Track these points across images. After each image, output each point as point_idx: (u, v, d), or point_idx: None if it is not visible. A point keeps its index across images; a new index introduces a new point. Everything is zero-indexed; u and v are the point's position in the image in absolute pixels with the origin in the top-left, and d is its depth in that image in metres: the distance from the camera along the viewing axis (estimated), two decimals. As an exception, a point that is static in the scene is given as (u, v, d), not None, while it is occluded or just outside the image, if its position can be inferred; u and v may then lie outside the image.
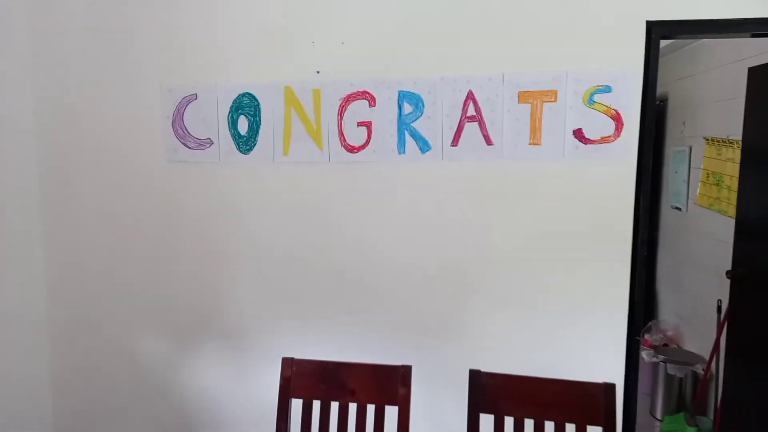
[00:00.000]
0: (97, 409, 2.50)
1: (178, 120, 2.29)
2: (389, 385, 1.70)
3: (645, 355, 3.93)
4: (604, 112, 2.07)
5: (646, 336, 4.13)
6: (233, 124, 2.26)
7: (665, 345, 4.00)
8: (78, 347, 2.49)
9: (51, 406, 2.52)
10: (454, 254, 2.21)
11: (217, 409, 2.39)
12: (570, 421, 1.60)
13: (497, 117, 2.13)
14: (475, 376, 1.67)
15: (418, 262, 2.23)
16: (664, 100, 4.51)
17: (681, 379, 3.63)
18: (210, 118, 2.27)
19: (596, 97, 2.07)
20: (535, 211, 2.16)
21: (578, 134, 2.10)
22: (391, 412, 1.68)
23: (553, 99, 2.09)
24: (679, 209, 4.11)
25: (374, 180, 2.22)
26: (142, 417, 2.45)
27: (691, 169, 3.92)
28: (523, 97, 2.11)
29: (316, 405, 1.72)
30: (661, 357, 3.73)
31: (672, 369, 3.65)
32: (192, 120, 2.28)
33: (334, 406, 1.72)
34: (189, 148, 2.30)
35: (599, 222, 2.13)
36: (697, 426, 3.33)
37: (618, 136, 2.08)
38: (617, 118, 2.07)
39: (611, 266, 2.14)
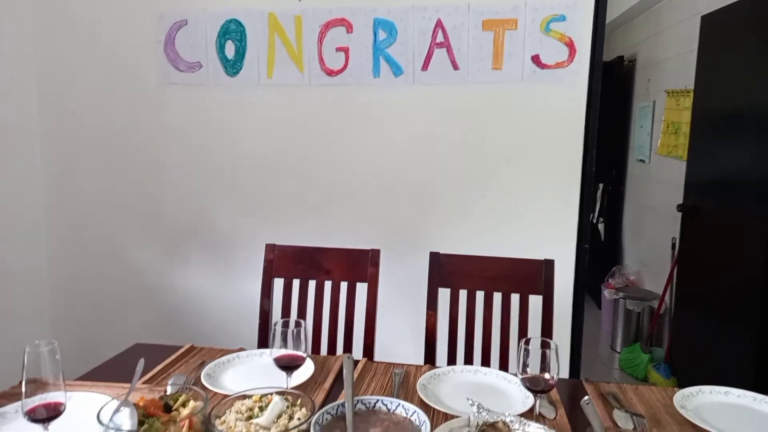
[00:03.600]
0: (94, 311, 2.70)
1: (169, 44, 2.48)
2: (360, 265, 1.93)
3: (607, 293, 4.22)
4: (559, 39, 2.29)
5: (610, 280, 4.42)
6: (221, 49, 2.45)
7: (626, 286, 4.29)
8: (76, 255, 2.69)
9: (50, 304, 2.71)
10: (419, 168, 2.44)
11: (205, 307, 2.61)
12: (515, 292, 1.84)
13: (463, 44, 2.34)
14: (435, 257, 1.90)
15: (387, 174, 2.46)
16: (632, 61, 4.75)
17: (638, 313, 3.92)
18: (199, 43, 2.45)
19: (552, 25, 2.29)
20: (496, 132, 2.39)
21: (536, 60, 2.32)
22: (362, 289, 1.91)
23: (513, 27, 2.31)
24: (643, 161, 4.38)
25: (351, 101, 2.43)
26: (137, 318, 2.66)
27: (655, 123, 4.17)
28: (487, 25, 2.32)
29: (296, 284, 1.95)
30: (620, 294, 4.02)
31: (630, 305, 3.94)
32: (182, 44, 2.46)
33: (312, 284, 1.94)
34: (179, 70, 2.49)
35: (553, 141, 2.36)
36: (650, 354, 3.62)
37: (571, 62, 2.30)
38: (570, 45, 2.29)
39: (563, 177, 2.37)
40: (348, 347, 1.89)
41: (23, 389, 1.01)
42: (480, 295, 1.86)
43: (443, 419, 1.24)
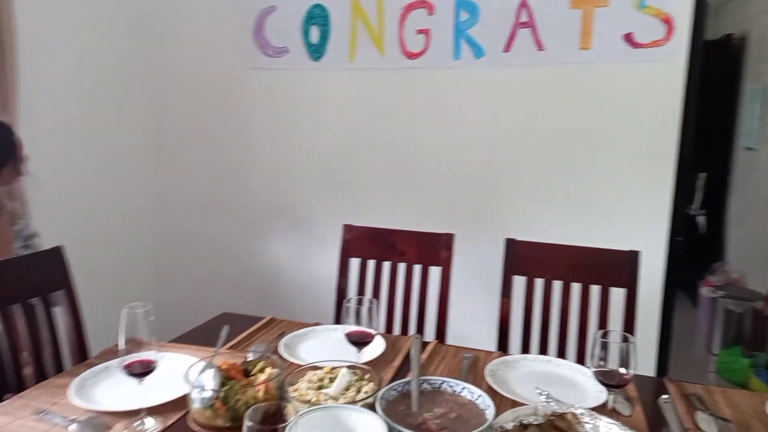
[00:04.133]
0: (188, 279, 2.93)
1: (259, 31, 2.59)
2: (434, 249, 1.93)
3: (705, 291, 3.92)
4: (655, 16, 2.14)
5: (709, 277, 4.10)
6: (306, 34, 2.53)
7: (728, 284, 3.96)
8: (175, 228, 2.91)
9: (153, 269, 2.96)
10: (498, 152, 2.39)
11: (287, 282, 2.74)
12: (595, 283, 1.77)
13: (549, 23, 2.25)
14: (510, 244, 1.86)
15: (465, 157, 2.43)
16: (742, 39, 4.32)
17: (740, 314, 3.62)
18: (286, 29, 2.54)
19: (648, 1, 2.14)
20: (581, 115, 2.28)
21: (628, 38, 2.18)
22: (435, 272, 1.92)
23: (604, 3, 2.18)
24: (752, 149, 4.00)
25: (430, 84, 2.42)
26: (226, 288, 2.85)
27: (766, 107, 3.79)
28: (575, 2, 2.21)
29: (371, 264, 1.99)
30: (721, 293, 3.72)
31: (731, 305, 3.64)
32: (271, 30, 2.57)
33: (386, 265, 1.98)
34: (268, 55, 2.60)
35: (645, 126, 2.22)
36: (752, 358, 3.34)
37: (668, 40, 2.15)
38: (668, 22, 2.13)
39: (655, 169, 2.23)
40: (420, 329, 1.91)
41: (121, 346, 1.12)
42: (557, 285, 1.80)
43: (510, 406, 1.23)
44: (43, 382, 1.35)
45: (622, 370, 1.14)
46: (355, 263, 2.00)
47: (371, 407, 1.06)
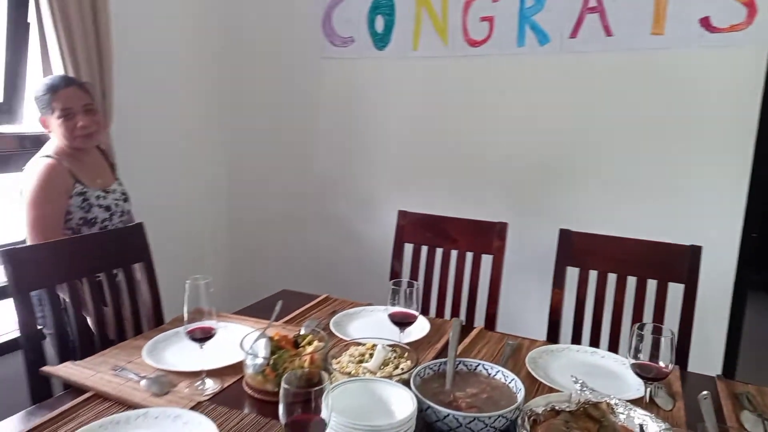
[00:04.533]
0: (259, 251, 3.11)
1: (327, 21, 2.68)
2: (487, 237, 1.95)
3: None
4: (737, -2, 2.01)
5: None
6: (371, 23, 2.59)
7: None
8: (246, 206, 3.10)
9: (224, 246, 3.17)
10: (559, 141, 2.35)
11: (344, 262, 2.86)
12: (653, 278, 1.72)
13: (619, 7, 2.17)
14: (565, 234, 1.85)
15: (524, 146, 2.42)
16: None
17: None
18: (352, 19, 2.62)
19: (728, -18, 2.02)
20: (650, 102, 2.19)
21: (705, 22, 2.07)
22: (487, 260, 1.94)
23: (680, -14, 2.08)
24: None
25: (492, 72, 2.41)
26: (287, 266, 3.01)
27: None
28: (648, -15, 2.12)
29: (424, 250, 2.04)
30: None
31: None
32: (338, 20, 2.65)
33: (439, 251, 2.02)
34: (335, 45, 2.69)
35: (720, 115, 2.10)
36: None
37: (749, 24, 2.01)
38: (750, 5, 2.00)
39: (730, 161, 2.11)
40: (470, 315, 1.95)
41: (185, 315, 1.25)
42: (612, 278, 1.77)
43: (547, 393, 1.24)
44: (122, 343, 1.52)
45: (661, 364, 1.13)
46: (409, 248, 2.06)
47: (406, 383, 1.12)
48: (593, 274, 1.80)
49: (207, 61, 2.89)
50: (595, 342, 1.76)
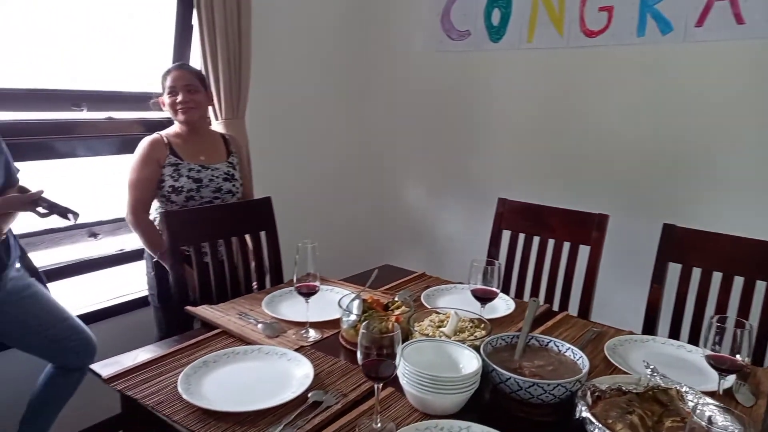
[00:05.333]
0: (372, 225, 3.36)
1: (445, 16, 2.80)
2: (585, 228, 1.96)
3: None
4: None
5: None
6: (488, 17, 2.66)
7: None
8: (367, 184, 3.35)
9: (346, 219, 3.45)
10: (673, 134, 2.25)
11: (444, 244, 2.98)
12: (762, 279, 1.62)
13: (755, -8, 2.02)
14: (669, 229, 1.80)
15: (634, 138, 2.35)
16: None
17: None
18: (470, 13, 2.71)
19: None
20: (788, 95, 2.02)
21: None
22: (584, 251, 1.95)
23: (830, -34, 1.89)
24: None
25: (609, 62, 2.37)
26: (398, 245, 3.20)
27: None
28: (791, -33, 1.95)
29: (521, 237, 2.10)
30: None
31: None
32: (456, 15, 2.76)
33: (536, 239, 2.07)
34: (451, 39, 2.80)
35: None
36: None
37: None
38: None
39: None
40: (564, 305, 1.97)
41: (295, 271, 1.47)
42: (717, 277, 1.70)
43: (619, 376, 1.28)
44: (248, 295, 1.81)
45: (738, 357, 1.12)
46: (507, 235, 2.13)
47: (477, 349, 1.24)
48: (696, 272, 1.74)
49: (331, 55, 3.15)
50: (694, 342, 1.70)
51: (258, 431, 1.08)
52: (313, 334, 1.50)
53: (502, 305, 1.70)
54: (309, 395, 1.18)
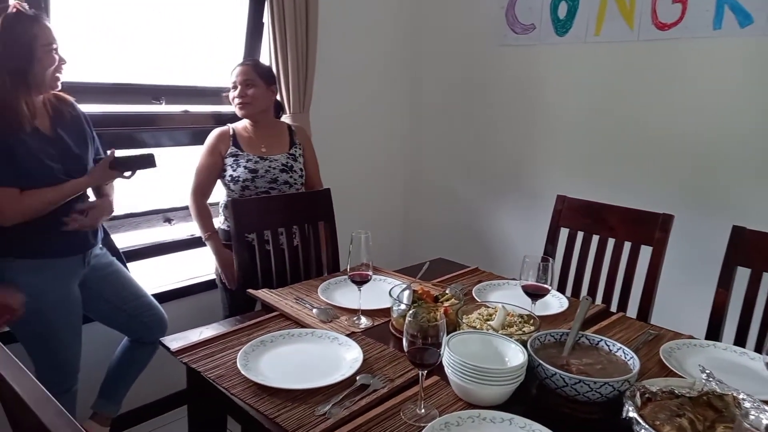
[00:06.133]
0: (428, 221, 3.37)
1: (510, 10, 2.77)
2: (648, 228, 1.90)
3: None
4: None
5: None
6: (554, 10, 2.60)
7: None
8: (421, 179, 3.38)
9: (399, 212, 3.50)
10: (744, 133, 2.12)
11: (500, 241, 2.95)
12: (843, 289, 1.52)
13: None
14: (738, 232, 1.71)
15: (703, 136, 2.23)
16: None
17: None
18: (535, 6, 2.66)
19: None
20: None
21: None
22: (646, 251, 1.89)
23: None
24: None
25: (681, 56, 2.26)
26: (450, 238, 3.21)
27: None
28: None
29: (579, 236, 2.06)
30: None
31: None
32: (521, 9, 2.72)
33: (595, 238, 2.02)
34: (515, 32, 2.76)
35: None
36: None
37: None
38: None
39: None
40: (623, 305, 1.92)
41: (349, 259, 1.53)
42: (790, 283, 1.61)
43: (673, 380, 1.25)
44: (305, 281, 1.89)
45: (801, 368, 1.06)
46: (564, 233, 2.10)
47: (524, 343, 1.24)
48: (767, 277, 1.65)
49: (391, 50, 3.18)
50: (760, 350, 1.62)
51: (308, 408, 1.14)
52: (364, 321, 1.55)
53: (555, 303, 1.68)
54: (357, 378, 1.24)
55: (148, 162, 1.76)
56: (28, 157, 1.59)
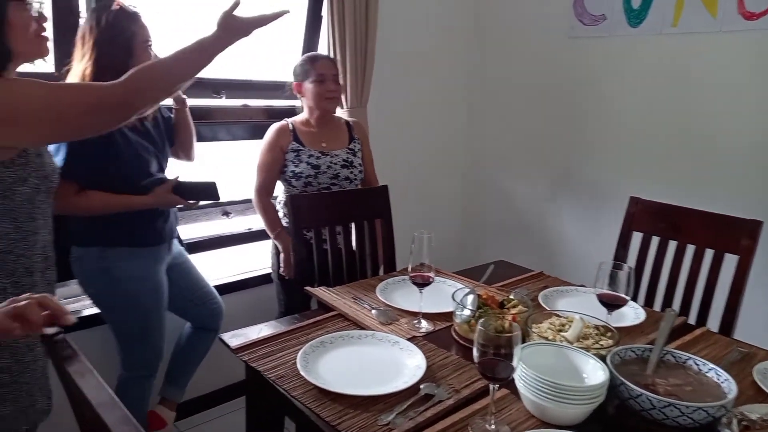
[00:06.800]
0: (487, 220, 3.28)
1: (578, 0, 2.63)
2: (732, 234, 1.75)
3: None
4: None
5: None
6: (627, -1, 2.45)
7: None
8: (480, 176, 3.28)
9: (457, 210, 3.41)
10: None
11: (567, 243, 2.82)
12: None
13: None
14: (842, 242, 1.55)
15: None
16: None
17: None
18: (607, -4, 2.52)
19: None
20: None
21: None
22: (730, 261, 1.74)
23: None
24: None
25: (772, 49, 2.08)
26: (511, 241, 3.10)
27: None
28: None
29: (654, 241, 1.92)
30: None
31: None
32: (590, -1, 2.58)
33: (672, 244, 1.88)
34: (584, 24, 2.62)
35: None
36: None
37: None
38: None
39: None
40: (702, 318, 1.78)
41: (410, 261, 1.46)
42: None
43: (772, 407, 1.12)
44: (362, 280, 1.84)
45: None
46: (637, 238, 1.97)
47: (602, 358, 1.15)
48: None
49: (451, 44, 3.09)
50: None
51: (370, 416, 1.09)
52: (425, 325, 1.49)
53: (631, 314, 1.57)
54: (421, 387, 1.18)
55: (211, 194, 1.79)
56: (127, 149, 1.68)
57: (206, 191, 1.78)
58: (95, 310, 1.86)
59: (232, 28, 1.29)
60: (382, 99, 2.67)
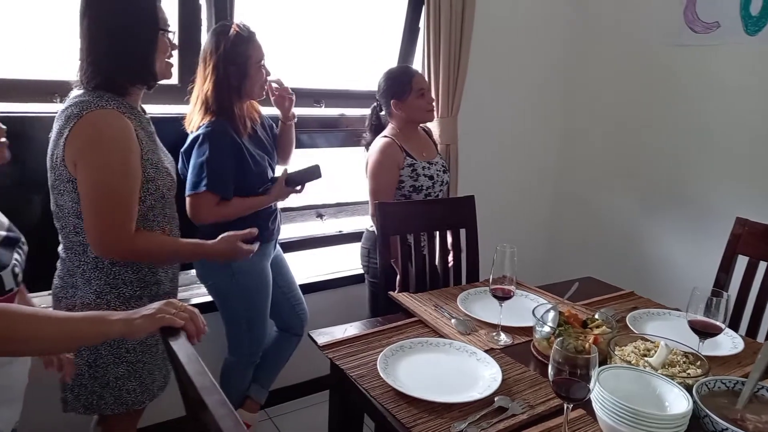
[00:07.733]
0: (576, 235, 3.17)
1: (690, 6, 2.48)
2: None
3: None
4: None
5: None
6: (745, 6, 2.28)
7: None
8: (571, 189, 3.19)
9: (545, 223, 3.32)
10: None
11: (666, 260, 2.67)
12: None
13: None
14: None
15: None
16: None
17: None
18: (720, 2, 2.35)
19: None
20: None
21: None
22: None
23: None
24: None
25: None
26: (597, 255, 2.98)
27: None
28: None
29: (762, 266, 1.79)
30: None
31: None
32: (703, 5, 2.42)
33: (782, 271, 1.74)
34: (694, 32, 2.47)
35: None
36: None
37: None
38: None
39: None
40: (815, 353, 1.63)
41: (492, 275, 1.49)
42: None
43: None
44: (444, 288, 1.89)
45: None
46: (742, 262, 1.84)
47: (688, 388, 1.11)
48: None
49: (549, 51, 3.02)
50: None
51: (444, 423, 1.13)
52: (504, 338, 1.50)
53: (727, 343, 1.48)
54: (495, 399, 1.20)
55: (314, 174, 1.96)
56: (250, 157, 1.86)
57: (311, 174, 1.95)
58: (205, 299, 2.07)
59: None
60: (472, 108, 2.68)
